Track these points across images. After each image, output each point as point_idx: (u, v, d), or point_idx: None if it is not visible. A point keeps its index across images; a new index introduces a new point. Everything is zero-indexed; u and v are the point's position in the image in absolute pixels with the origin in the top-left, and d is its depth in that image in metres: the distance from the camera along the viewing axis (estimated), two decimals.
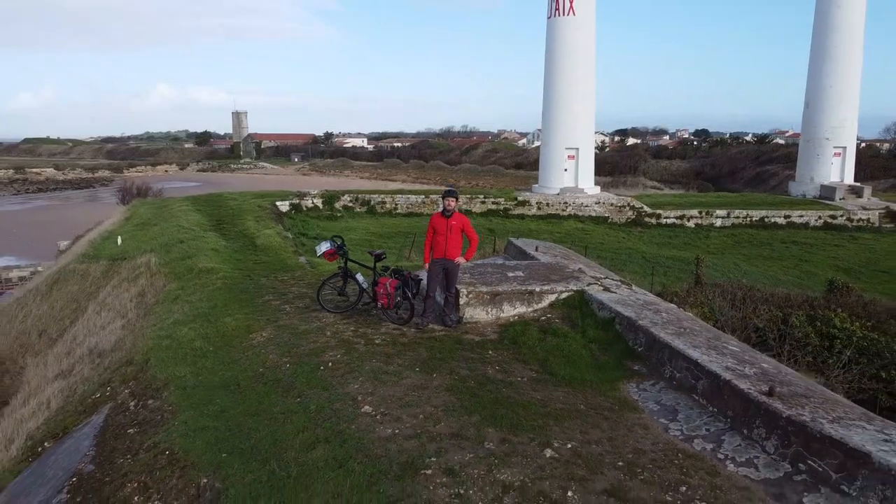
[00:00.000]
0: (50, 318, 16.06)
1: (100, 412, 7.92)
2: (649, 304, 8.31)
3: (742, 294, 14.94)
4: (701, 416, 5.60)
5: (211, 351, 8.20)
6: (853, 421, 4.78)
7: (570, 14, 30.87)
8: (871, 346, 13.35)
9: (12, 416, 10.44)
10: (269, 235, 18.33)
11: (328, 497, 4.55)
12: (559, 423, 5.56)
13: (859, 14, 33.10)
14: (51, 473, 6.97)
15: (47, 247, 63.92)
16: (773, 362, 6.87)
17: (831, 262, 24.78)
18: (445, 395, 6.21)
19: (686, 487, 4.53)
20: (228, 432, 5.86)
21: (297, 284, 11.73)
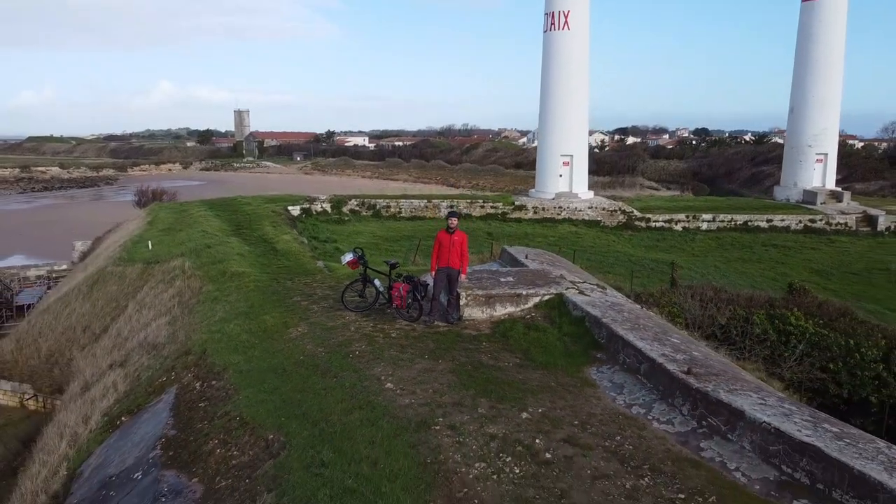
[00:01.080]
0: (92, 316, 17.90)
1: (168, 392, 9.76)
2: (615, 305, 10.15)
3: (711, 295, 16.76)
4: (640, 391, 7.44)
5: (257, 343, 10.05)
6: (744, 391, 6.61)
7: (565, 29, 32.66)
8: (822, 341, 15.22)
9: (80, 399, 12.29)
10: (288, 241, 20.18)
11: (365, 444, 6.39)
12: (534, 396, 7.40)
13: (840, 27, 34.90)
14: (138, 438, 8.82)
15: (58, 246, 65.87)
16: (705, 350, 8.70)
17: (806, 265, 26.62)
18: (448, 375, 8.05)
19: (620, 437, 6.37)
20: (283, 403, 7.70)
21: (319, 287, 13.57)
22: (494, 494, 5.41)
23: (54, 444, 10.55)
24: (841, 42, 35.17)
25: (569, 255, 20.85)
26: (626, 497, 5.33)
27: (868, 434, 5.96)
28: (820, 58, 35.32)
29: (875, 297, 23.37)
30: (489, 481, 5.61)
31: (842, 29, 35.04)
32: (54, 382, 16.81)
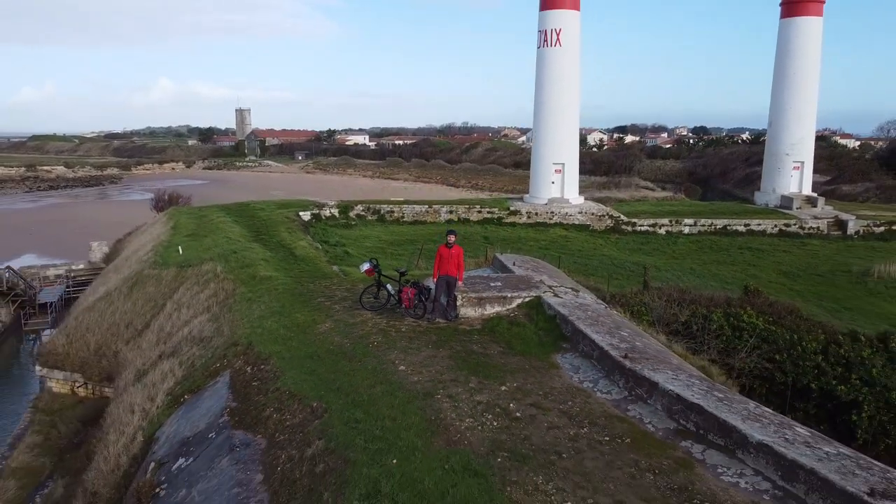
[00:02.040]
0: (133, 314, 20.28)
1: (223, 375, 12.15)
2: (582, 305, 12.55)
3: (676, 295, 19.19)
4: (591, 371, 9.85)
5: (292, 336, 12.45)
6: (663, 370, 9.01)
7: (557, 46, 35.01)
8: (770, 336, 17.67)
9: (139, 383, 14.68)
10: (304, 247, 22.58)
11: (387, 407, 8.79)
12: (512, 375, 9.80)
13: (815, 44, 37.24)
14: (204, 410, 11.22)
15: (70, 245, 68.43)
16: (647, 341, 11.07)
17: (776, 267, 28.99)
18: (447, 360, 10.46)
19: (571, 402, 8.78)
20: (321, 381, 10.09)
21: (338, 289, 15.97)
22: (479, 438, 7.82)
23: (127, 419, 12.96)
24: (816, 57, 37.51)
25: (555, 258, 23.24)
26: (569, 440, 7.73)
27: (745, 398, 8.37)
28: (797, 72, 37.67)
29: (835, 296, 25.76)
30: (475, 430, 8.02)
31: (817, 45, 37.38)
32: (102, 372, 19.20)
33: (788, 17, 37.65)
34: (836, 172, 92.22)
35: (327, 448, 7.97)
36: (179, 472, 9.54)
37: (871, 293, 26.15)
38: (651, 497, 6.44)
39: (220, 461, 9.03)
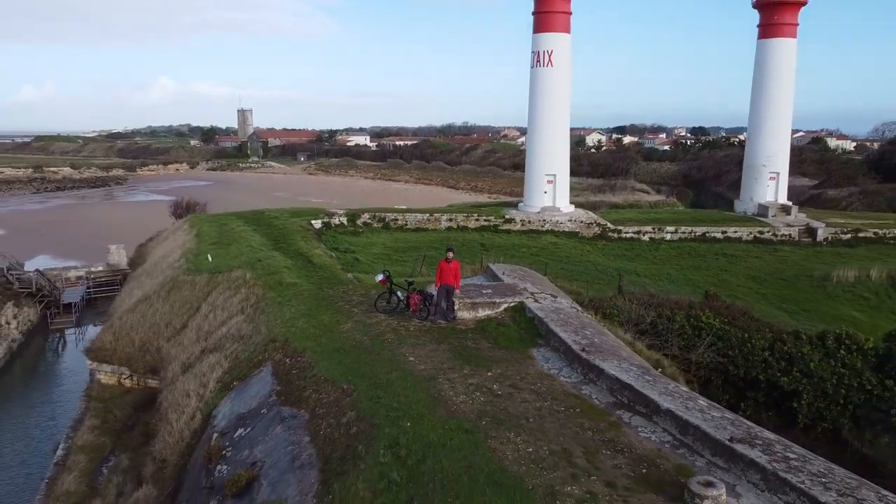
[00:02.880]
0: (172, 314, 23.11)
1: (265, 366, 14.99)
2: (557, 310, 15.39)
3: (646, 299, 22.08)
4: (558, 361, 12.70)
5: (321, 334, 15.29)
6: (610, 360, 11.84)
7: (549, 66, 37.84)
8: (725, 334, 20.51)
9: (189, 373, 17.52)
10: (320, 255, 25.44)
11: (401, 387, 11.62)
12: (497, 364, 12.65)
13: (789, 64, 40.07)
14: (253, 392, 14.06)
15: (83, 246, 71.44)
16: (604, 338, 13.88)
17: (747, 272, 31.83)
18: (447, 353, 13.31)
19: (540, 384, 11.62)
20: (348, 369, 12.92)
21: (354, 294, 18.82)
22: (469, 409, 10.67)
23: (184, 402, 15.81)
24: (790, 76, 40.34)
25: (543, 265, 26.10)
26: (535, 410, 10.58)
27: (668, 379, 11.21)
28: (773, 90, 40.50)
29: (796, 299, 28.64)
30: (467, 403, 10.87)
31: (791, 65, 40.20)
32: (147, 365, 22.03)
33: (764, 39, 40.46)
34: (825, 176, 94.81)
35: (358, 416, 10.82)
36: (240, 439, 12.39)
37: (830, 296, 29.02)
38: (588, 446, 9.29)
39: (274, 429, 11.88)
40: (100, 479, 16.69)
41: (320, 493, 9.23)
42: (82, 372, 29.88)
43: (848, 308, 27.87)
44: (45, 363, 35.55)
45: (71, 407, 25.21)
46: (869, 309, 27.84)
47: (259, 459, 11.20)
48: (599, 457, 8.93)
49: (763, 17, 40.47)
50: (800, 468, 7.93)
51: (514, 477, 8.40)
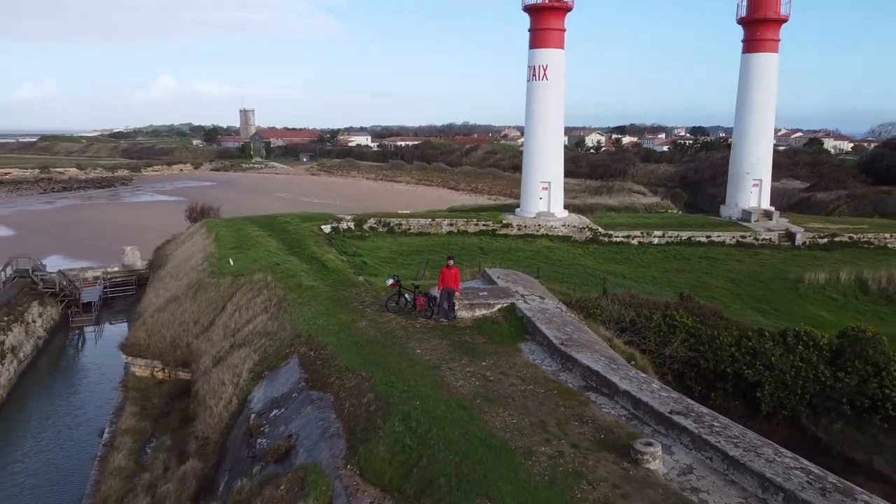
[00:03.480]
0: (199, 313, 25.54)
1: (292, 358, 17.40)
2: (543, 310, 17.82)
3: (627, 300, 24.49)
4: (542, 353, 15.13)
5: (340, 330, 17.72)
6: (584, 352, 14.26)
7: (544, 79, 40.23)
8: (697, 332, 22.91)
9: (221, 365, 19.94)
10: (332, 259, 27.86)
11: (410, 374, 14.05)
12: (490, 355, 15.09)
13: (772, 77, 42.43)
14: (284, 380, 16.49)
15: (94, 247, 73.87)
16: (582, 334, 16.29)
17: (726, 274, 34.18)
18: (448, 346, 15.75)
19: (525, 372, 14.06)
20: (365, 360, 15.34)
21: (366, 296, 21.24)
22: (467, 391, 13.09)
23: (221, 389, 18.23)
24: (772, 89, 42.71)
25: (535, 269, 28.50)
26: (520, 392, 13.00)
27: (632, 368, 13.62)
28: (756, 101, 42.88)
29: (770, 300, 31.01)
30: (465, 386, 13.30)
31: (773, 78, 42.58)
32: (178, 359, 24.45)
33: (748, 53, 42.84)
34: (816, 179, 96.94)
35: (375, 397, 13.26)
36: (276, 418, 14.83)
37: (801, 297, 31.41)
38: (560, 418, 11.71)
39: (305, 408, 14.32)
40: (145, 457, 19.12)
41: (348, 455, 11.67)
42: (103, 366, 32.51)
43: (817, 308, 30.25)
44: (66, 358, 37.97)
45: (96, 397, 27.77)
46: (836, 309, 30.22)
47: (294, 433, 13.63)
48: (568, 426, 11.36)
49: (747, 32, 42.84)
50: (720, 432, 10.35)
51: (500, 440, 10.84)
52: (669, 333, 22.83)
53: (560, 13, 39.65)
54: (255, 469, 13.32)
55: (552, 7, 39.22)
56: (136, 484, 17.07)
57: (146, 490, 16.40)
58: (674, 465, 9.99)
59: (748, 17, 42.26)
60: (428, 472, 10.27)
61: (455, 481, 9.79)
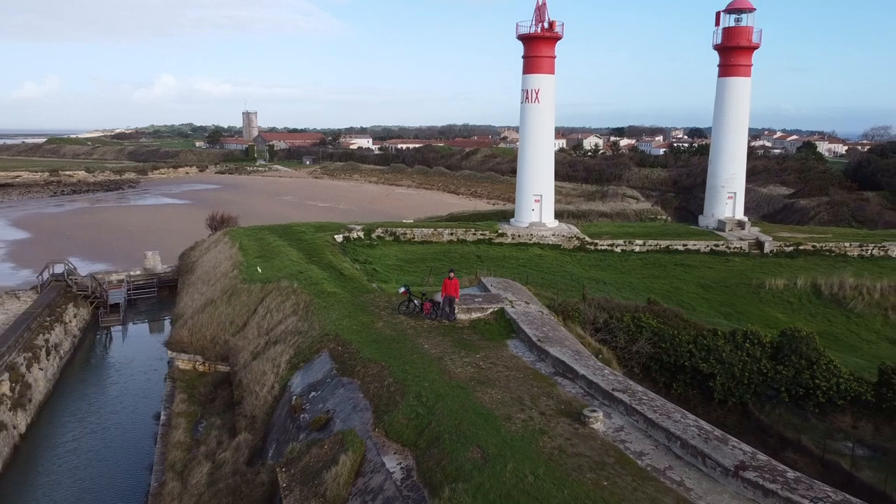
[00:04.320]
0: (234, 315, 29.55)
1: (323, 352, 21.42)
2: (527, 313, 21.87)
3: (603, 304, 28.51)
4: (524, 348, 19.20)
5: (361, 330, 21.76)
6: (556, 347, 18.30)
7: (536, 102, 44.28)
8: (660, 331, 26.87)
9: (260, 359, 23.94)
10: (348, 268, 31.89)
11: (420, 364, 18.10)
12: (483, 349, 19.16)
13: (744, 100, 46.46)
14: (317, 369, 20.52)
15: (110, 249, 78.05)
16: (558, 333, 20.30)
17: (697, 280, 38.17)
18: (449, 342, 19.83)
19: (510, 362, 18.12)
20: (384, 353, 19.39)
21: (380, 301, 25.26)
22: (464, 375, 17.14)
23: (263, 378, 22.25)
24: (745, 110, 46.75)
25: (526, 275, 32.52)
26: (504, 376, 17.05)
27: (594, 358, 17.66)
28: (730, 121, 46.92)
29: (733, 303, 35.03)
30: (462, 372, 17.36)
31: (746, 100, 46.61)
32: (217, 354, 28.45)
33: (724, 77, 46.88)
34: (802, 185, 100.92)
35: (394, 381, 17.30)
36: (314, 398, 18.86)
37: (761, 301, 35.43)
38: (533, 395, 15.75)
39: (338, 391, 18.36)
40: (198, 434, 23.16)
41: (375, 422, 15.72)
42: (133, 361, 36.93)
43: (774, 311, 34.27)
44: (98, 355, 42.15)
45: (133, 387, 32.11)
46: (791, 312, 34.23)
47: (331, 409, 17.66)
48: (539, 400, 15.42)
49: (722, 58, 46.87)
50: (645, 403, 14.40)
51: (488, 410, 14.89)
52: (637, 333, 26.84)
53: (551, 42, 43.68)
54: (301, 436, 17.34)
55: (543, 37, 43.25)
56: (196, 454, 21.12)
57: (206, 458, 20.44)
58: (610, 426, 14.04)
59: (723, 44, 46.28)
60: (435, 431, 14.31)
61: (455, 437, 13.83)
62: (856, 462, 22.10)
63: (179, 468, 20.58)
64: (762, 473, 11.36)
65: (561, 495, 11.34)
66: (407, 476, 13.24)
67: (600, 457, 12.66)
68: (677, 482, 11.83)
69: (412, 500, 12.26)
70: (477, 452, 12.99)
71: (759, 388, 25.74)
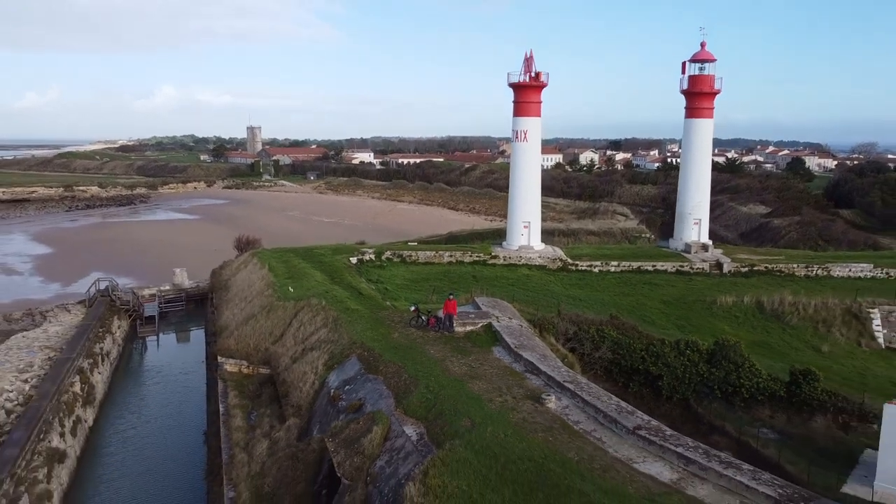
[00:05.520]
0: (272, 327, 35.97)
1: (352, 356, 27.88)
2: (510, 326, 28.37)
3: (574, 318, 34.99)
4: (505, 354, 25.71)
5: (381, 339, 28.26)
6: (530, 352, 24.77)
7: (525, 141, 50.96)
8: (619, 341, 33.26)
9: (299, 362, 30.38)
10: (365, 288, 38.35)
11: (427, 364, 24.58)
12: (474, 354, 25.68)
13: (707, 139, 53.19)
14: (349, 369, 26.97)
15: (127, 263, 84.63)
16: (532, 341, 26.72)
17: (661, 297, 44.56)
18: (449, 349, 26.36)
19: (496, 364, 24.63)
20: (400, 356, 25.89)
21: (394, 316, 31.71)
22: (460, 372, 23.62)
23: (305, 377, 28.66)
24: (708, 147, 53.45)
25: (512, 294, 38.95)
26: (489, 373, 23.52)
27: (559, 360, 24.12)
28: (696, 156, 53.60)
29: (688, 318, 41.45)
30: (459, 370, 23.86)
31: (709, 139, 53.32)
32: (260, 359, 34.87)
33: (690, 118, 53.62)
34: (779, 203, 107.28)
35: (408, 376, 23.78)
36: (348, 391, 25.29)
37: (713, 316, 41.85)
38: (509, 385, 22.21)
39: (367, 384, 24.81)
40: (252, 421, 29.54)
41: (396, 405, 22.15)
42: (170, 366, 43.82)
43: (723, 324, 40.67)
44: (135, 362, 48.74)
45: (175, 388, 38.83)
46: (737, 325, 40.64)
47: (362, 397, 24.09)
48: (512, 389, 21.89)
49: (688, 102, 53.62)
50: (586, 391, 20.85)
51: (476, 395, 21.35)
52: (600, 342, 33.26)
53: (537, 90, 50.44)
54: (341, 417, 23.77)
55: (531, 85, 50.00)
56: (254, 435, 27.51)
57: (263, 436, 26.83)
58: (559, 405, 20.52)
59: (689, 89, 53.05)
60: (439, 409, 20.77)
61: (452, 412, 20.28)
62: (766, 443, 28.45)
63: (243, 444, 26.97)
64: (649, 432, 17.83)
65: (521, 446, 17.79)
66: (420, 438, 19.69)
67: (550, 424, 19.14)
68: (598, 438, 18.31)
69: (424, 452, 18.69)
70: (467, 421, 19.46)
71: (697, 387, 32.05)
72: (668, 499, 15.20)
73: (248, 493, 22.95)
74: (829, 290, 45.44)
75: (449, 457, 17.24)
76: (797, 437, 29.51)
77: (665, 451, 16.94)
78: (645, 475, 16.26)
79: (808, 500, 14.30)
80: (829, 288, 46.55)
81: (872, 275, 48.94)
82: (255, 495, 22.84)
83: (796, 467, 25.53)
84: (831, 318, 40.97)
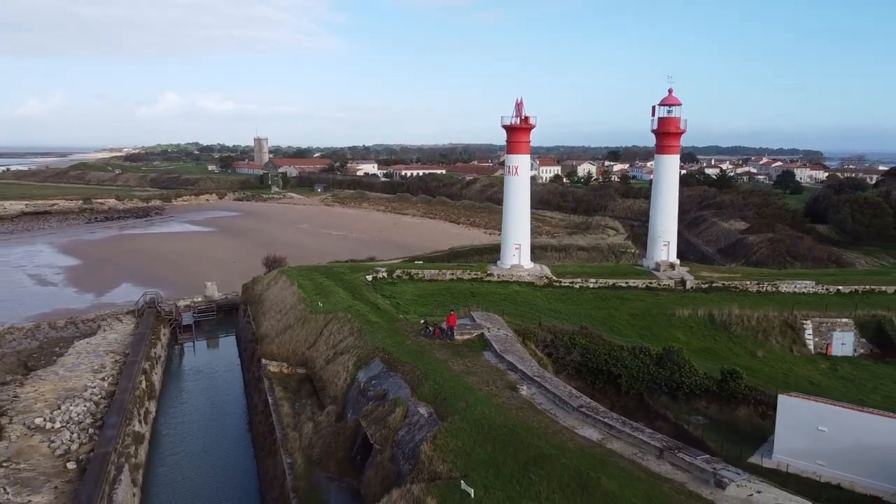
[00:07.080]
0: (307, 335, 44.17)
1: (375, 358, 36.14)
2: (499, 335, 36.63)
3: (552, 328, 43.25)
4: (493, 357, 33.97)
5: (398, 345, 36.54)
6: (511, 355, 33.00)
7: (516, 175, 59.29)
8: (588, 347, 41.60)
9: (333, 363, 38.65)
10: (381, 303, 46.58)
11: (434, 364, 32.83)
12: (469, 357, 33.97)
13: (674, 171, 61.50)
14: (374, 368, 35.24)
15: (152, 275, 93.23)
16: (514, 346, 34.92)
17: (629, 310, 52.60)
18: (451, 353, 34.68)
19: (486, 365, 32.90)
20: (414, 359, 34.14)
21: (407, 327, 39.95)
22: (459, 370, 31.88)
23: (337, 374, 36.91)
24: (675, 180, 61.73)
25: (503, 308, 47.13)
26: (480, 370, 31.76)
27: (535, 362, 32.33)
28: (665, 187, 61.87)
29: (650, 328, 49.54)
30: (458, 368, 32.13)
31: (676, 172, 61.60)
32: (297, 361, 43.07)
33: (659, 154, 61.96)
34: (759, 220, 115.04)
35: (421, 373, 32.04)
36: (374, 384, 33.50)
37: (672, 326, 49.95)
38: (494, 379, 30.44)
39: (389, 379, 33.05)
40: (296, 408, 37.72)
41: (412, 393, 30.38)
42: (207, 367, 52.54)
43: (678, 333, 48.76)
44: (178, 364, 57.01)
45: (217, 385, 47.43)
46: (690, 334, 48.74)
47: (385, 388, 32.28)
48: (496, 381, 30.13)
49: (658, 140, 61.91)
50: (549, 382, 29.07)
51: (470, 385, 29.59)
52: (572, 348, 41.46)
53: (526, 131, 58.82)
54: (370, 403, 31.96)
55: (521, 127, 58.37)
56: (300, 419, 35.75)
57: (308, 420, 35.06)
58: (529, 392, 28.74)
59: (658, 130, 61.36)
60: (443, 395, 29.00)
61: (453, 397, 28.49)
62: (697, 427, 36.46)
63: (292, 426, 35.21)
64: (587, 409, 26.06)
65: (500, 419, 25.98)
66: (430, 415, 27.90)
67: (521, 405, 27.37)
68: (553, 414, 26.54)
69: (433, 424, 26.88)
70: (463, 403, 27.69)
71: (648, 384, 40.17)
72: (593, 450, 23.41)
73: (302, 460, 31.18)
74: (773, 304, 53.46)
75: (450, 426, 25.47)
76: (724, 422, 37.63)
77: (596, 422, 25.17)
78: (581, 436, 24.50)
79: (680, 448, 22.48)
80: (774, 302, 54.53)
81: (814, 290, 56.90)
82: (307, 461, 31.06)
83: (715, 444, 33.63)
84: (770, 328, 49.07)
